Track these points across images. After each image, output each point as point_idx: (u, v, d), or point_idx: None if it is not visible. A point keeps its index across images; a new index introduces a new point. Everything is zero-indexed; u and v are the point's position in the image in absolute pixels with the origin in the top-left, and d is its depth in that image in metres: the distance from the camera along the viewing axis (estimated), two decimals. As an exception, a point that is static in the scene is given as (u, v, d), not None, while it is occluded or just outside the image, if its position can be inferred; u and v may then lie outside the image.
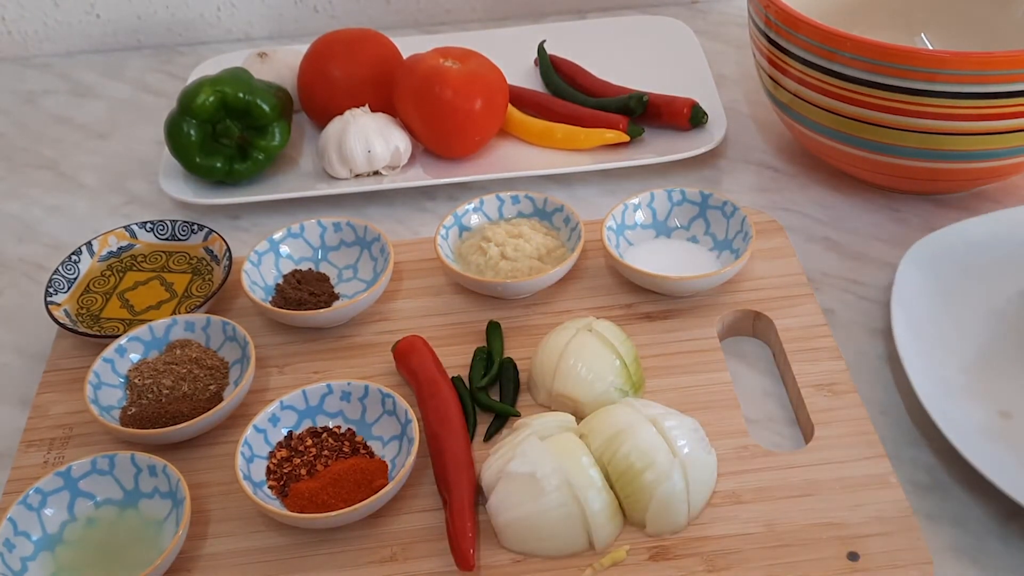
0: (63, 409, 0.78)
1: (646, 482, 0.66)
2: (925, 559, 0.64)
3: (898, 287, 0.80)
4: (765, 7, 0.87)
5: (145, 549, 0.68)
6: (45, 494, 0.69)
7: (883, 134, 0.84)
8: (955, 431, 0.69)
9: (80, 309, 0.85)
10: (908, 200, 0.94)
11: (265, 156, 0.97)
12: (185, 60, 1.23)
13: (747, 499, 0.68)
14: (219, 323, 0.80)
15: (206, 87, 0.95)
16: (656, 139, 1.01)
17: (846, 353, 0.78)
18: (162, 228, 0.90)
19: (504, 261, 0.83)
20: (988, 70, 0.78)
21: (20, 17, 1.23)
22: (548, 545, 0.66)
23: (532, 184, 0.98)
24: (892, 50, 0.79)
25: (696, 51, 1.12)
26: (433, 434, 0.72)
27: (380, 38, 1.05)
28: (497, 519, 0.67)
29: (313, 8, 1.25)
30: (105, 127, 1.13)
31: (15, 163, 1.09)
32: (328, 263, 0.88)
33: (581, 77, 1.08)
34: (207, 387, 0.77)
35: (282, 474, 0.71)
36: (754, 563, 0.65)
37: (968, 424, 0.70)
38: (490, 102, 0.97)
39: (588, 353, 0.74)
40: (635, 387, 0.75)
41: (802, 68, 0.85)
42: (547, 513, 0.65)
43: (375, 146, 0.96)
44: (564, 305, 0.84)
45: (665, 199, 0.88)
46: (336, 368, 0.80)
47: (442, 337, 0.81)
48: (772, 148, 1.02)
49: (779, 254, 0.86)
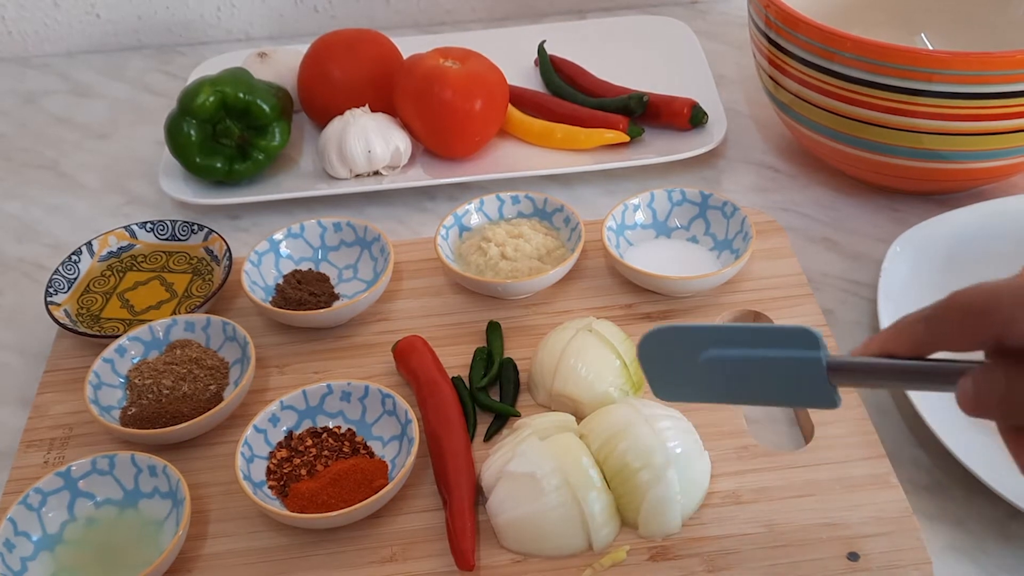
0: (63, 409, 0.78)
1: (640, 482, 0.66)
2: (925, 559, 0.64)
3: (884, 282, 0.80)
4: (765, 7, 0.87)
5: (145, 549, 0.68)
6: (45, 494, 0.69)
7: (883, 134, 0.84)
8: (950, 433, 0.69)
9: (80, 309, 0.85)
10: (908, 200, 0.94)
11: (265, 156, 0.97)
12: (185, 60, 1.23)
13: (747, 499, 0.68)
14: (219, 323, 0.80)
15: (206, 87, 0.95)
16: (656, 139, 1.01)
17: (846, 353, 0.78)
18: (162, 228, 0.90)
19: (504, 261, 0.83)
20: (988, 70, 0.78)
21: (20, 17, 1.23)
22: (547, 545, 0.66)
23: (532, 184, 0.98)
24: (892, 50, 0.79)
25: (696, 51, 1.12)
26: (433, 434, 0.72)
27: (380, 38, 1.05)
28: (497, 519, 0.67)
29: (313, 8, 1.25)
30: (105, 127, 1.13)
31: (15, 163, 1.09)
32: (328, 263, 0.88)
33: (581, 77, 1.08)
34: (207, 387, 0.77)
35: (282, 474, 0.71)
36: (754, 563, 0.65)
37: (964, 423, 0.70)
38: (490, 102, 0.97)
39: (588, 353, 0.74)
40: (635, 387, 0.75)
41: (802, 68, 0.86)
42: (547, 513, 0.65)
43: (375, 146, 0.96)
44: (564, 305, 0.84)
45: (665, 199, 0.88)
46: (336, 368, 0.80)
47: (442, 337, 0.81)
48: (772, 148, 1.02)
49: (779, 254, 0.86)
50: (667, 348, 0.56)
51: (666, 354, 0.56)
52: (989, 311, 0.47)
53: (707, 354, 0.53)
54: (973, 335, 0.48)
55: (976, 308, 0.47)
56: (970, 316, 0.47)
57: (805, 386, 0.52)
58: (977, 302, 0.47)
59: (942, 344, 0.49)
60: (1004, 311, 0.46)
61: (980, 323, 0.47)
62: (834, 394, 0.52)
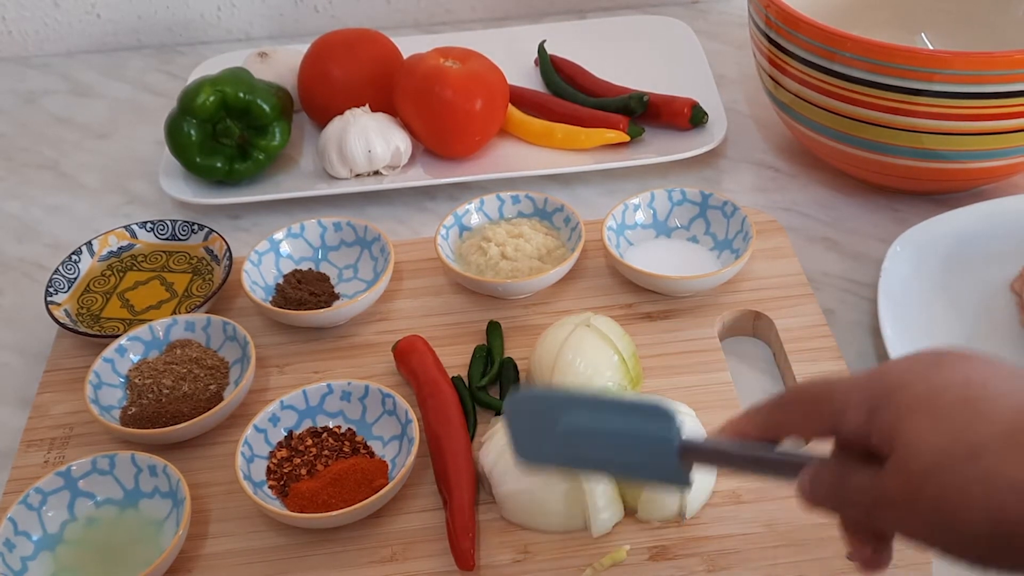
0: (63, 409, 0.78)
1: None
2: (925, 559, 0.64)
3: (884, 282, 0.80)
4: (765, 7, 0.87)
5: (145, 549, 0.68)
6: (45, 494, 0.69)
7: (883, 134, 0.84)
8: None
9: (80, 309, 0.85)
10: (908, 200, 0.94)
11: (265, 156, 0.97)
12: (185, 60, 1.23)
13: (747, 499, 0.68)
14: (219, 323, 0.80)
15: (206, 87, 0.95)
16: (656, 139, 1.01)
17: (846, 353, 0.78)
18: (162, 228, 0.90)
19: (504, 261, 0.83)
20: (988, 70, 0.78)
21: (20, 17, 1.23)
22: (548, 521, 0.67)
23: (532, 184, 0.98)
24: (892, 50, 0.79)
25: (696, 51, 1.12)
26: (433, 434, 0.72)
27: (380, 38, 1.05)
28: (499, 489, 0.67)
29: (313, 8, 1.25)
30: (105, 127, 1.13)
31: (15, 163, 1.09)
32: (328, 263, 0.88)
33: (581, 77, 1.08)
34: (207, 387, 0.77)
35: (282, 474, 0.71)
36: (754, 563, 0.65)
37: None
38: (490, 102, 0.97)
39: (586, 349, 0.74)
40: (633, 382, 0.75)
41: (802, 68, 0.85)
42: (549, 488, 0.66)
43: (375, 146, 0.96)
44: (564, 305, 0.84)
45: (665, 199, 0.88)
46: (336, 368, 0.80)
47: (442, 337, 0.81)
48: (772, 148, 1.02)
49: (779, 254, 0.86)
50: (530, 413, 0.57)
51: (529, 419, 0.57)
52: (822, 402, 0.49)
53: (566, 423, 0.54)
54: (813, 423, 0.50)
55: (812, 398, 0.50)
56: (807, 405, 0.50)
57: (658, 464, 0.53)
58: (815, 393, 0.50)
59: (789, 429, 0.51)
60: (836, 403, 0.48)
61: (816, 413, 0.49)
62: (685, 475, 0.53)
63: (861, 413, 0.47)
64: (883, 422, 0.46)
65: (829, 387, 0.49)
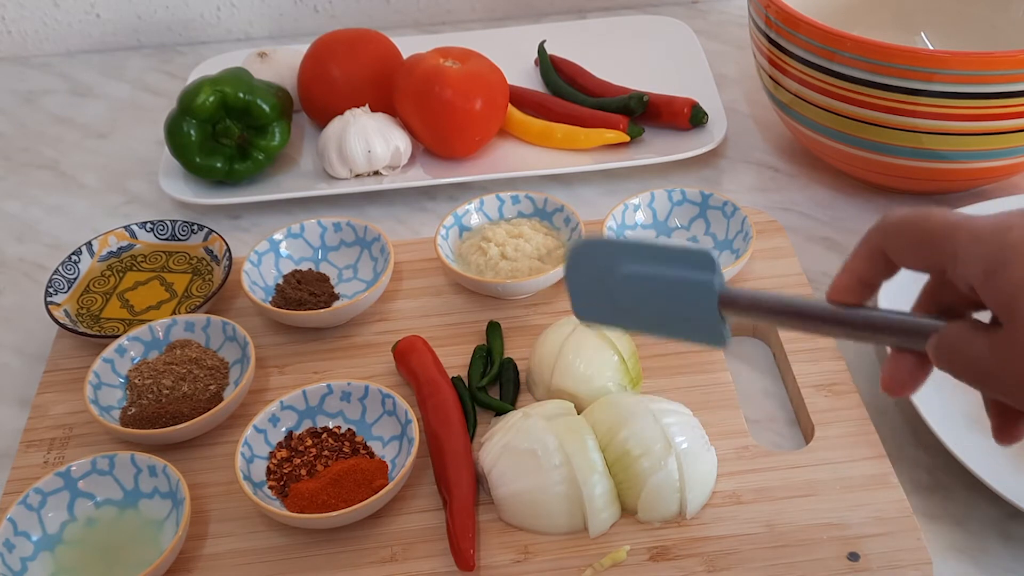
0: (63, 409, 0.78)
1: (641, 469, 0.66)
2: (925, 559, 0.64)
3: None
4: (765, 7, 0.87)
5: (145, 549, 0.68)
6: (45, 494, 0.69)
7: (883, 134, 0.84)
8: (950, 433, 0.69)
9: (80, 309, 0.85)
10: (908, 200, 0.94)
11: (265, 156, 0.97)
12: (185, 60, 1.23)
13: (747, 499, 0.68)
14: (219, 323, 0.80)
15: (206, 87, 0.95)
16: (656, 139, 1.01)
17: (846, 353, 0.78)
18: (162, 228, 0.90)
19: (504, 261, 0.83)
20: (988, 70, 0.78)
21: (20, 17, 1.23)
22: (546, 523, 0.67)
23: (532, 184, 0.98)
24: (892, 50, 0.79)
25: (696, 51, 1.12)
26: (433, 434, 0.72)
27: (380, 38, 1.05)
28: (497, 491, 0.67)
29: (313, 8, 1.25)
30: (105, 127, 1.13)
31: (15, 163, 1.09)
32: (328, 263, 0.88)
33: (581, 77, 1.08)
34: (207, 387, 0.77)
35: (282, 474, 0.71)
36: (754, 563, 0.65)
37: (964, 423, 0.70)
38: (490, 102, 0.97)
39: (586, 349, 0.74)
40: (633, 382, 0.75)
41: (802, 68, 0.85)
42: (547, 490, 0.66)
43: (375, 146, 0.96)
44: (564, 305, 0.83)
45: (665, 199, 0.88)
46: (336, 368, 0.80)
47: (442, 337, 0.81)
48: (772, 148, 1.02)
49: (779, 254, 0.86)
50: (591, 263, 0.57)
51: (589, 270, 0.57)
52: (940, 239, 0.47)
53: (623, 270, 0.55)
54: (922, 256, 0.48)
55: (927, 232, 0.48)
56: (922, 235, 0.48)
57: (699, 314, 0.53)
58: (930, 227, 0.48)
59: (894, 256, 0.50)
60: (955, 248, 0.47)
61: (929, 246, 0.48)
62: (723, 327, 0.52)
63: (978, 271, 0.45)
64: (1001, 290, 0.44)
65: (952, 229, 0.47)
